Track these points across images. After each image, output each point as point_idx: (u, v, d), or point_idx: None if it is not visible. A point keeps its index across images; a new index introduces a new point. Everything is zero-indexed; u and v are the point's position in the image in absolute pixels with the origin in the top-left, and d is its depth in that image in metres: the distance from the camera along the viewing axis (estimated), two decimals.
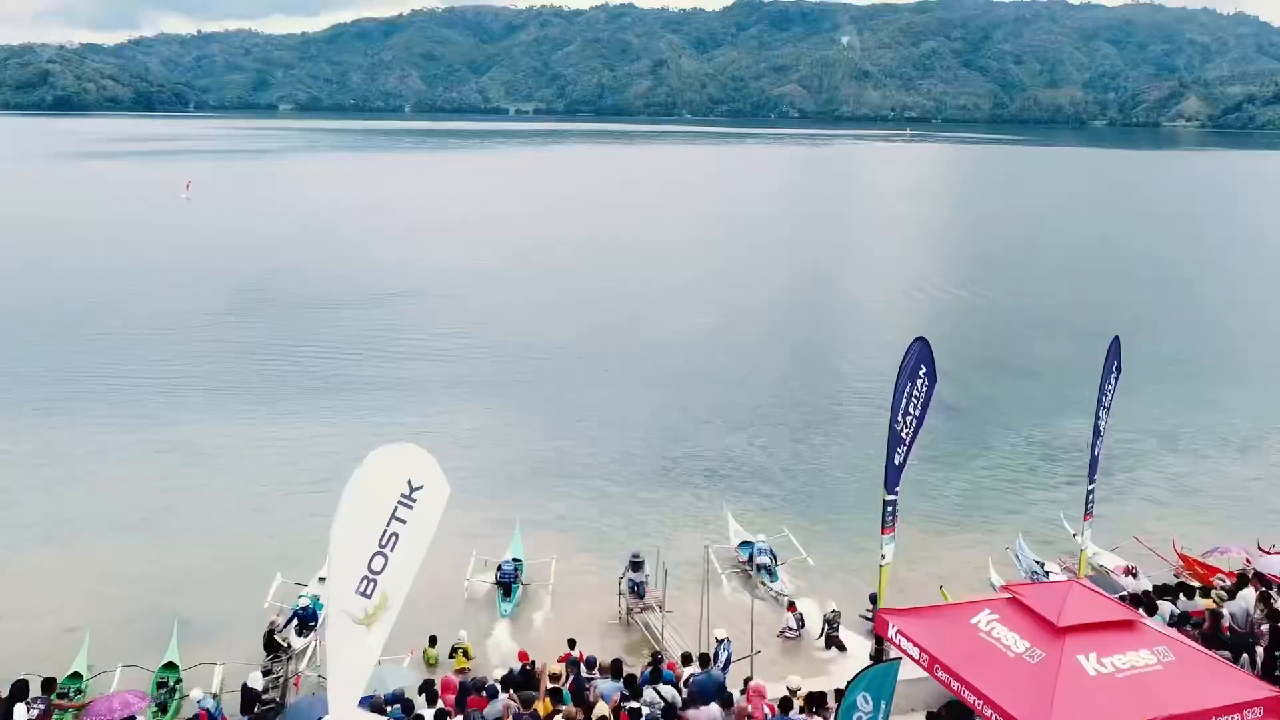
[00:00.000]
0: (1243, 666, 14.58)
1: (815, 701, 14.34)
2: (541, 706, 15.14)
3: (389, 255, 75.60)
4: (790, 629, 20.92)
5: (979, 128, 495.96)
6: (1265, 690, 11.70)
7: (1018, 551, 23.91)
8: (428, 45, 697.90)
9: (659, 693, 15.04)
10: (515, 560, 23.44)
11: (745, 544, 24.29)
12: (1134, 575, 22.02)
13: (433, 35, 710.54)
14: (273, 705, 17.34)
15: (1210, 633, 16.34)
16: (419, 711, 14.72)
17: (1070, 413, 37.69)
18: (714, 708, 14.69)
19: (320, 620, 19.72)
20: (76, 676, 18.37)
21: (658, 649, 19.34)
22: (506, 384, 42.13)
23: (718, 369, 44.48)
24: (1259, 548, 22.80)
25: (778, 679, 16.18)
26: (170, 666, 18.84)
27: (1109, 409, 20.19)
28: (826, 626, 20.26)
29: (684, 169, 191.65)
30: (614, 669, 16.05)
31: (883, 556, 17.06)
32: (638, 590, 21.40)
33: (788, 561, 23.67)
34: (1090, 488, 20.68)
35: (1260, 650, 16.01)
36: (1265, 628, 16.16)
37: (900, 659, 12.28)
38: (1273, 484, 30.84)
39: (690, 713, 14.60)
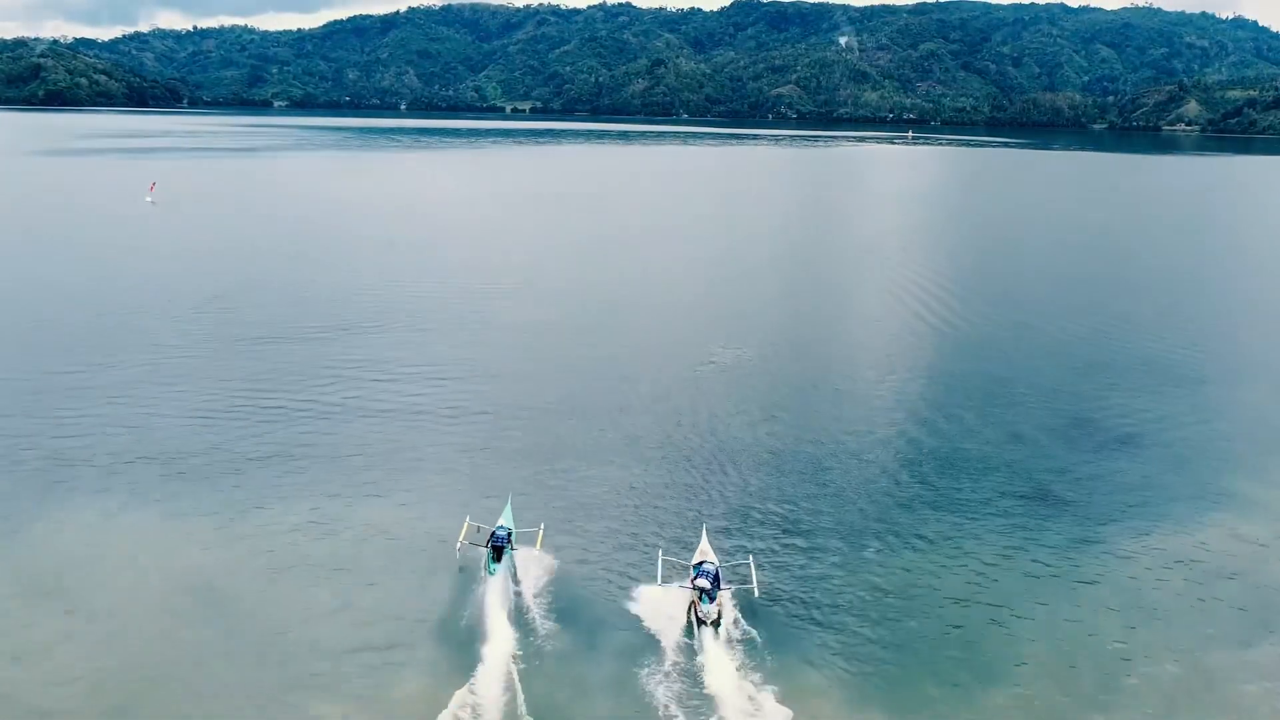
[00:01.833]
0: None
1: None
2: None
3: (365, 268, 68.64)
4: None
5: (978, 130, 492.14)
6: None
7: None
8: (424, 43, 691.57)
9: None
10: (508, 528, 26.27)
11: (698, 565, 25.01)
12: None
13: (429, 33, 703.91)
14: None
15: None
16: None
17: (1211, 501, 30.82)
18: None
19: None
20: None
21: None
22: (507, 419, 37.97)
23: (746, 431, 37.69)
24: None
25: None
26: None
27: None
28: None
29: (687, 170, 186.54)
30: None
31: None
32: None
33: (732, 586, 24.38)
34: None
35: None
36: None
37: None
38: None
39: None
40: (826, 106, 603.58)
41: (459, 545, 25.79)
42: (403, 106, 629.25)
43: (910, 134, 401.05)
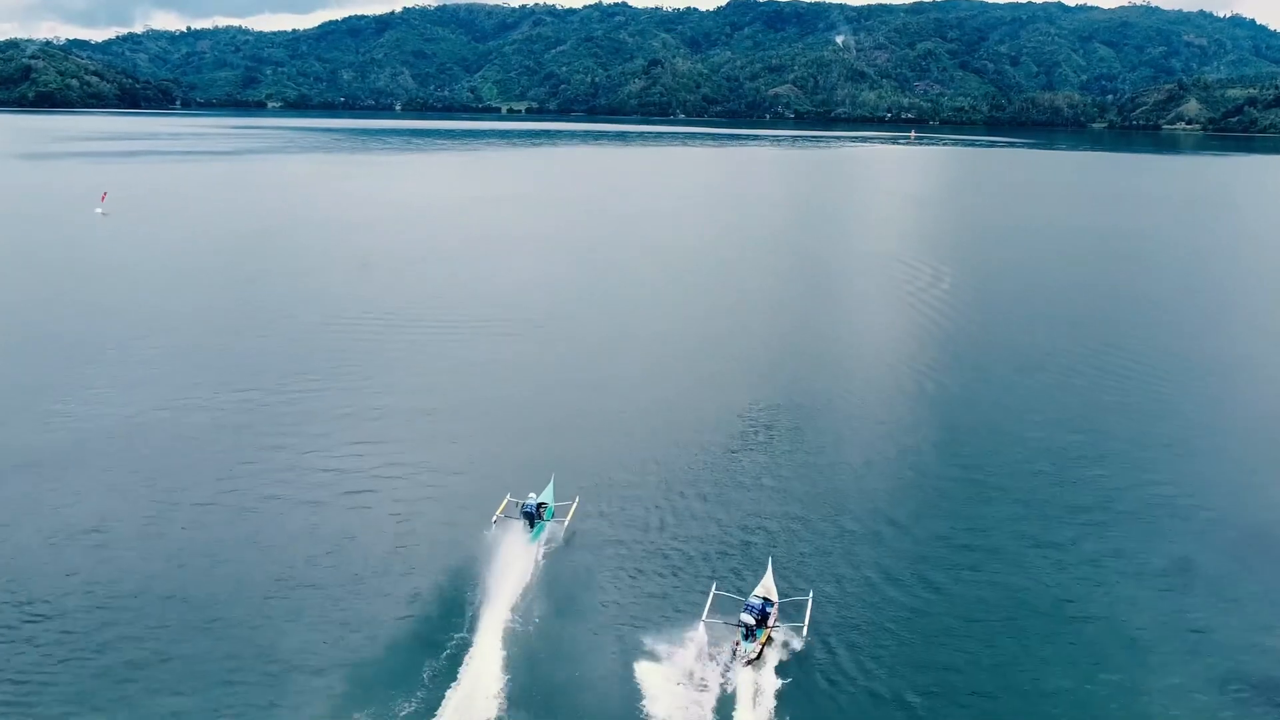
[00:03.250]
0: None
1: None
2: None
3: (332, 296, 60.60)
4: None
5: (978, 129, 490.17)
6: None
7: None
8: (419, 43, 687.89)
9: None
10: (541, 503, 27.90)
11: (748, 604, 24.32)
12: None
13: (424, 33, 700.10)
14: None
15: None
16: None
17: None
18: None
19: None
20: None
21: None
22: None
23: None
24: None
25: None
26: None
27: None
28: None
29: (690, 172, 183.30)
30: None
31: None
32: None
33: (781, 626, 23.53)
34: None
35: None
36: None
37: None
38: None
39: None
40: (824, 106, 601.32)
41: (495, 519, 27.55)
42: (398, 107, 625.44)
43: (913, 134, 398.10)
